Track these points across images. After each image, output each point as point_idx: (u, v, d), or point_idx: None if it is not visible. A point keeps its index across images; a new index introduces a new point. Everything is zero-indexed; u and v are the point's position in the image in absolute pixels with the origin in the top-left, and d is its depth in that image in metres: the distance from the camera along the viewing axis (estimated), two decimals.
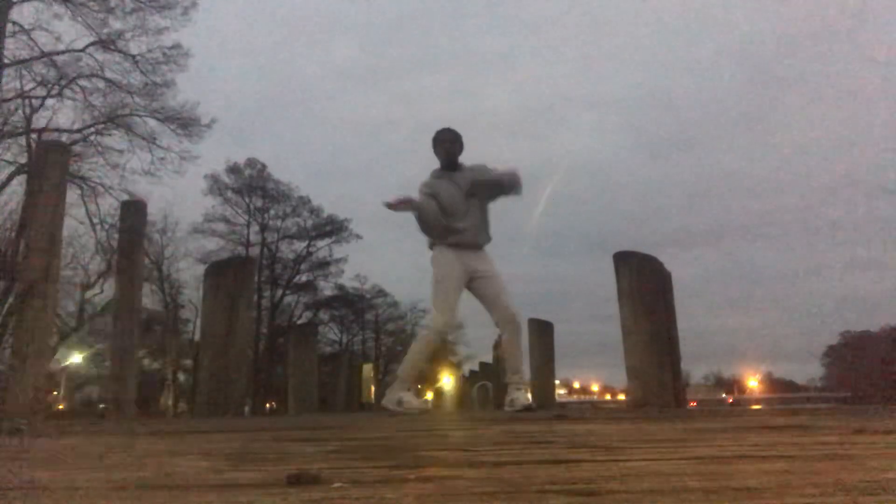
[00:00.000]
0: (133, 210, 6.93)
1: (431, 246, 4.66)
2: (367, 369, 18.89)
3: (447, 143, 4.73)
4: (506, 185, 4.60)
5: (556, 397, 13.54)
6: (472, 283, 4.58)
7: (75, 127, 17.52)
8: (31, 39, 16.29)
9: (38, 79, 16.82)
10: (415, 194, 4.50)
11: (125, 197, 16.47)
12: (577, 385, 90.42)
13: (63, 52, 16.76)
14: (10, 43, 16.11)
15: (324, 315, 35.48)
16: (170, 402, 28.34)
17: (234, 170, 32.00)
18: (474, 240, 4.63)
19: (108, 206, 17.62)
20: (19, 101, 16.59)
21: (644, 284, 5.70)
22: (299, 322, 30.59)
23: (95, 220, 17.89)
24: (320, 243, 34.41)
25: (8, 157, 16.68)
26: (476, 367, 22.07)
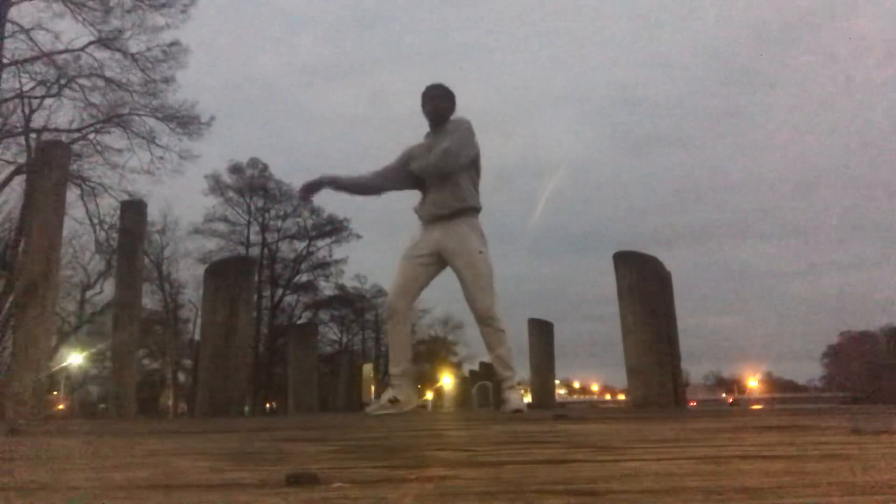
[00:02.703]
0: (133, 210, 6.94)
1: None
2: (367, 369, 18.90)
3: (435, 100, 4.25)
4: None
5: (556, 397, 13.54)
6: (450, 263, 4.11)
7: (75, 126, 17.53)
8: (31, 39, 16.30)
9: (38, 78, 16.83)
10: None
11: (125, 197, 16.49)
12: (577, 385, 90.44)
13: (62, 52, 16.76)
14: (9, 43, 16.11)
15: (324, 315, 35.52)
16: (170, 402, 28.34)
17: (235, 169, 32.04)
18: (441, 210, 4.10)
19: (108, 206, 17.63)
20: (18, 100, 16.59)
21: (644, 284, 5.71)
22: (299, 322, 30.58)
23: (95, 220, 17.91)
24: (320, 243, 34.45)
25: (7, 156, 16.69)
26: (476, 367, 22.06)
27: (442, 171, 4.05)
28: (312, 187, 4.20)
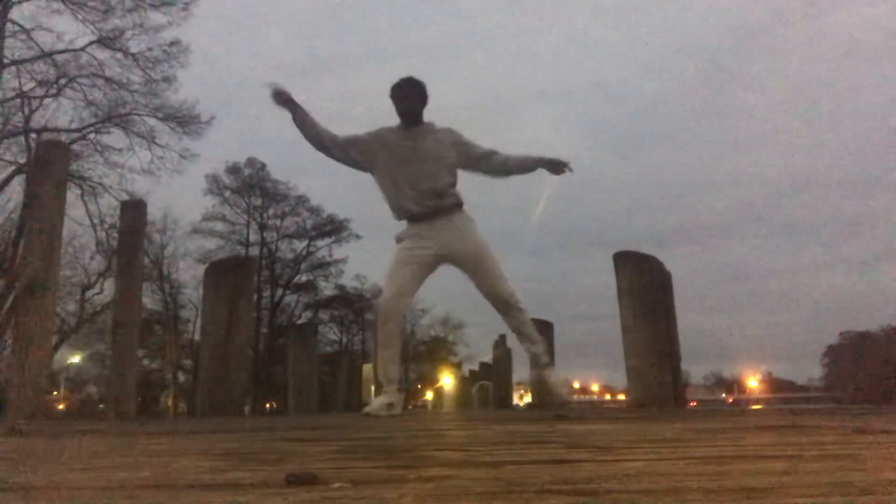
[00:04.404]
0: (133, 210, 6.94)
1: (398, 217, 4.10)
2: (367, 369, 18.90)
3: (406, 94, 4.02)
4: (513, 172, 4.11)
5: None
6: (456, 261, 3.99)
7: (75, 126, 17.54)
8: (31, 39, 16.30)
9: (38, 78, 16.84)
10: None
11: (125, 196, 16.48)
12: (577, 385, 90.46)
13: (63, 52, 16.77)
14: (9, 42, 16.12)
15: (324, 315, 35.50)
16: (170, 402, 28.35)
17: (233, 169, 32.02)
18: (435, 204, 4.01)
19: (108, 205, 17.64)
20: (19, 100, 16.60)
21: (644, 284, 5.71)
22: (299, 322, 30.59)
23: (95, 220, 17.90)
24: (320, 243, 34.44)
25: (8, 156, 16.69)
26: (476, 367, 22.07)
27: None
28: (282, 97, 3.95)
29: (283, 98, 3.97)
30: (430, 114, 4.30)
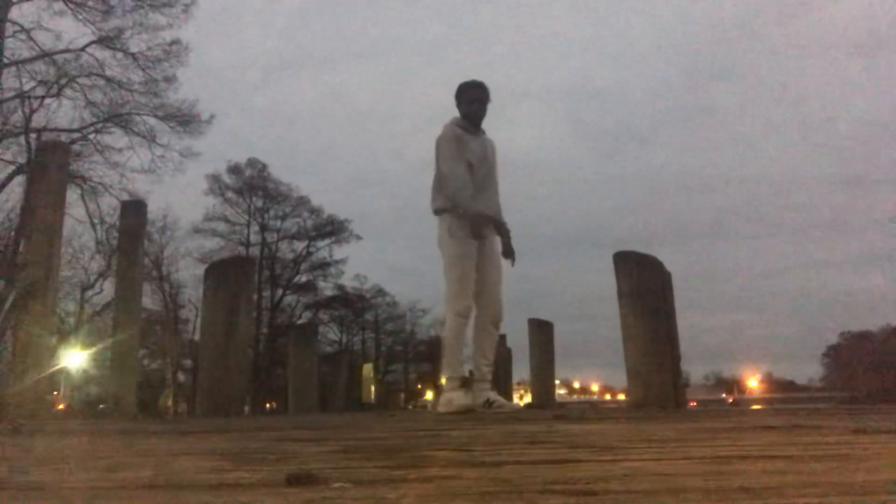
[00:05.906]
0: (133, 210, 6.94)
1: (440, 212, 4.17)
2: (367, 369, 18.93)
3: (477, 104, 4.24)
4: (502, 233, 4.33)
5: (557, 397, 13.54)
6: (481, 262, 4.17)
7: (75, 126, 17.53)
8: (31, 39, 16.29)
9: (38, 78, 16.83)
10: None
11: (125, 196, 16.48)
12: (577, 385, 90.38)
13: (63, 52, 16.76)
14: (9, 42, 16.11)
15: (324, 315, 35.47)
16: (170, 402, 28.32)
17: (234, 170, 32.02)
18: (498, 213, 4.27)
19: (108, 205, 17.62)
20: (18, 100, 16.60)
21: (644, 284, 5.70)
22: (299, 322, 30.56)
23: (95, 220, 17.88)
24: (320, 243, 34.42)
25: (7, 156, 16.68)
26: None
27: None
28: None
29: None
30: (422, 113, 4.38)
